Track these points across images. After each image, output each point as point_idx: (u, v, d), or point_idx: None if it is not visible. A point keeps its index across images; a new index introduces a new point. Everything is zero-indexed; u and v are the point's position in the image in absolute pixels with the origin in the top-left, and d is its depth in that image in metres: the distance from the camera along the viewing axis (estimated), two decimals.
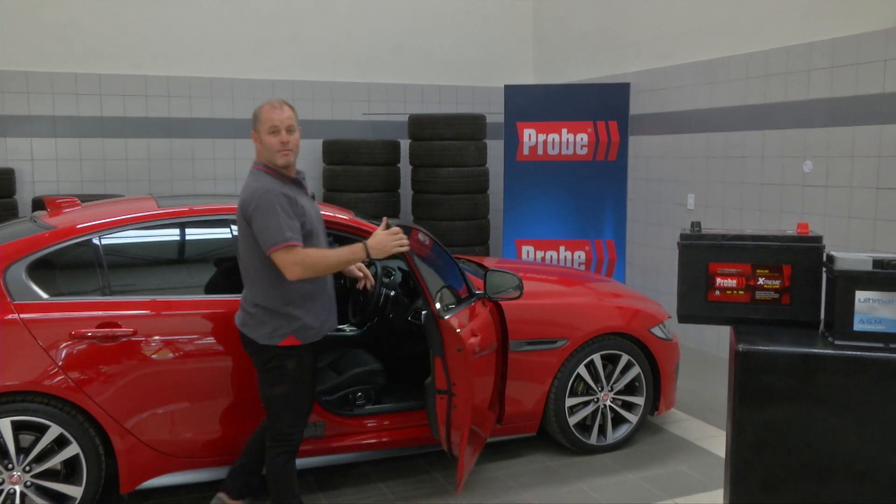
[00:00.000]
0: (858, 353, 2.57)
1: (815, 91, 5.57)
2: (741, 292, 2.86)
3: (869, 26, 5.16)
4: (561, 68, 8.56)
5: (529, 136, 7.30)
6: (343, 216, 4.06)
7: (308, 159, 7.90)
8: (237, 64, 7.71)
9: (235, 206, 3.30)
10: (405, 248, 3.25)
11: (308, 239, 3.21)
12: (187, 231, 3.94)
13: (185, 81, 7.53)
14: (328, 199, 7.48)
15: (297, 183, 3.30)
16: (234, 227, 3.76)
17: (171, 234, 3.92)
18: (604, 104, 7.22)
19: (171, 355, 3.57)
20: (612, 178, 7.24)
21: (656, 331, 4.57)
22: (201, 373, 3.63)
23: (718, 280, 2.87)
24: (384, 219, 3.39)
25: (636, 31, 7.39)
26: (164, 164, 7.52)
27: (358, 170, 7.46)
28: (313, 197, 3.50)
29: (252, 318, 3.27)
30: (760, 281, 2.84)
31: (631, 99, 7.31)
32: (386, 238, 3.22)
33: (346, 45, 8.13)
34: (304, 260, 3.09)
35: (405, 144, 8.01)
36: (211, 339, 3.64)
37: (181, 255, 4.06)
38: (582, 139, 7.25)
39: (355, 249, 3.19)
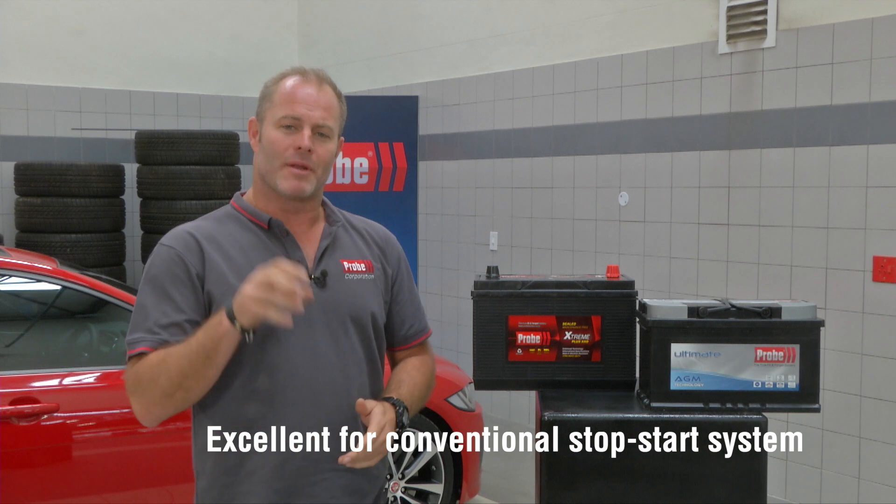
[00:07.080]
0: (676, 416, 2.84)
1: (628, 111, 6.11)
2: (546, 350, 3.06)
3: (683, 39, 5.76)
4: (334, 75, 8.66)
5: None
6: (43, 265, 3.90)
7: None
8: None
9: None
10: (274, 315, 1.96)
11: (273, 346, 2.16)
12: None
13: None
14: (23, 244, 7.10)
15: (276, 233, 2.27)
16: None
17: None
18: (387, 122, 7.47)
19: None
20: (398, 213, 7.46)
21: (455, 400, 4.74)
22: None
23: (520, 336, 3.05)
24: None
25: (426, 34, 7.73)
26: None
27: (65, 203, 7.18)
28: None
29: None
30: (567, 336, 3.05)
31: (420, 116, 7.61)
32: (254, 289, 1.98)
33: (48, 36, 7.84)
34: (131, 377, 2.10)
35: (131, 169, 7.82)
36: None
37: None
38: (361, 164, 7.43)
39: (212, 322, 2.04)
